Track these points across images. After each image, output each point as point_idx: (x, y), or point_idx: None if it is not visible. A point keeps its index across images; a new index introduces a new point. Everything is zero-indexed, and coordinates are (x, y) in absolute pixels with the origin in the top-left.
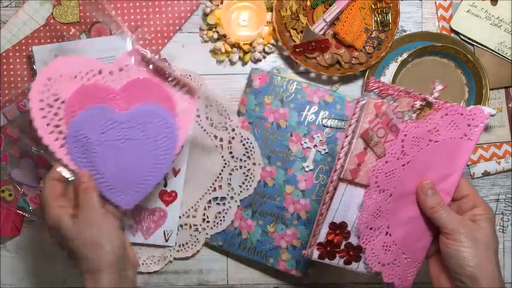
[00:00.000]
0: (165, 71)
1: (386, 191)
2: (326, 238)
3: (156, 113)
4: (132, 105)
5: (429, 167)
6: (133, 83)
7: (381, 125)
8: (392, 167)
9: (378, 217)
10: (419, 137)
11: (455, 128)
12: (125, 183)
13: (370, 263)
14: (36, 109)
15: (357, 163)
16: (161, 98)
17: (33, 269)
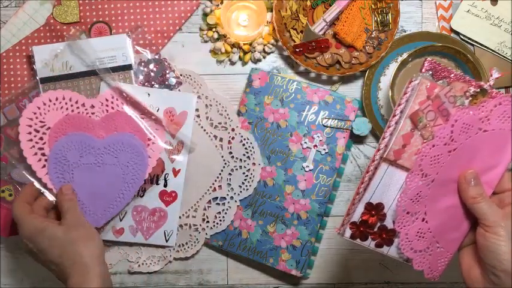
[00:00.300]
0: (141, 105)
1: (429, 176)
2: (360, 218)
3: (129, 143)
4: (109, 135)
5: (475, 156)
6: (111, 115)
7: (432, 108)
8: (439, 152)
9: (416, 202)
10: (470, 124)
11: (506, 119)
12: (96, 203)
13: (402, 248)
14: (24, 133)
15: (402, 144)
16: (135, 129)
17: (33, 269)
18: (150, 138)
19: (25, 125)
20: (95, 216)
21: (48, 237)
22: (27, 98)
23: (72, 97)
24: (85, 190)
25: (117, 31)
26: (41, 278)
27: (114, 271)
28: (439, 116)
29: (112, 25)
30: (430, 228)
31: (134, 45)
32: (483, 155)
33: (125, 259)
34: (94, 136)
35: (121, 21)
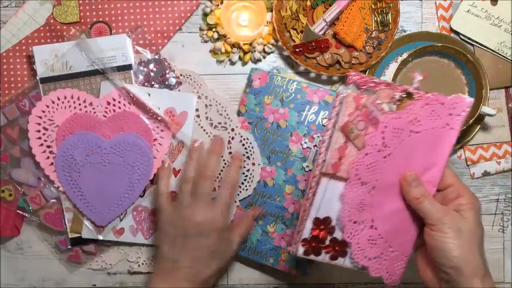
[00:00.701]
0: (146, 106)
1: (368, 183)
2: (311, 234)
3: (136, 143)
4: (115, 134)
5: (412, 158)
6: (118, 115)
7: (361, 118)
8: (373, 159)
9: (361, 210)
10: (400, 128)
11: (436, 117)
12: (102, 202)
13: (356, 257)
14: (33, 131)
15: (338, 157)
16: (141, 130)
17: (33, 269)
18: (156, 138)
19: (34, 123)
20: (100, 215)
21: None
22: (27, 98)
23: (80, 96)
24: (91, 189)
25: (117, 31)
26: (41, 278)
27: (114, 271)
28: (370, 124)
29: (112, 25)
30: (381, 234)
31: (134, 45)
32: (420, 156)
33: (125, 259)
34: (101, 135)
35: (121, 21)
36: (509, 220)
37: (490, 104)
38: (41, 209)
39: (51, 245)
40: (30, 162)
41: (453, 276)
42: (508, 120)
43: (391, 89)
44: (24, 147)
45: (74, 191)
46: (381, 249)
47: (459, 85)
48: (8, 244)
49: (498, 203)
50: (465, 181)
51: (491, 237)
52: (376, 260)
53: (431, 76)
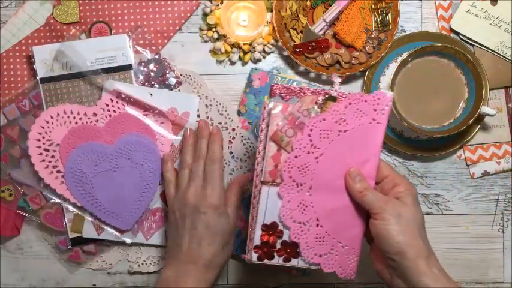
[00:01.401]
0: (141, 103)
1: (304, 184)
2: (261, 240)
3: (139, 141)
4: (117, 138)
5: (345, 155)
6: (115, 119)
7: (289, 125)
8: (304, 160)
9: (303, 210)
10: (327, 129)
11: (361, 115)
12: (120, 207)
13: (306, 256)
14: (35, 154)
15: (273, 165)
16: (141, 128)
17: (33, 269)
18: (158, 132)
19: (34, 147)
20: (123, 220)
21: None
22: (27, 98)
23: (72, 109)
24: (107, 196)
25: (117, 31)
26: (40, 278)
27: (114, 271)
28: (298, 130)
29: (112, 25)
30: (328, 231)
31: (134, 45)
32: (353, 152)
33: (125, 259)
34: (103, 143)
35: (121, 21)
36: (509, 220)
37: (490, 104)
38: (41, 209)
39: (51, 245)
40: (30, 162)
41: (399, 261)
42: (508, 120)
43: (315, 95)
44: (24, 147)
45: (91, 203)
46: (330, 246)
47: (459, 85)
48: (8, 244)
49: (498, 203)
50: (465, 181)
51: (491, 237)
52: (327, 256)
53: (431, 76)
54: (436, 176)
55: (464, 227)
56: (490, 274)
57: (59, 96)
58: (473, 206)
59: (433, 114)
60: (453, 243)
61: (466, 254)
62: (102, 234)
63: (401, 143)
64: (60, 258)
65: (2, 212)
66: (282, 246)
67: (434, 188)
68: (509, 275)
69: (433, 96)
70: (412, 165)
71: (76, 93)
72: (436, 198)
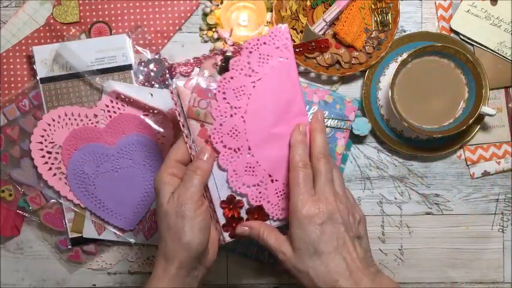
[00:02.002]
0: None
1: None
2: (226, 217)
3: (139, 141)
4: (118, 139)
5: (269, 102)
6: (115, 120)
7: (200, 97)
8: (231, 125)
9: (252, 173)
10: (240, 85)
11: (267, 58)
12: (123, 207)
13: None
14: (38, 157)
15: (204, 141)
16: (141, 127)
17: (33, 269)
18: (158, 131)
19: (37, 150)
20: (127, 220)
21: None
22: (27, 98)
23: (73, 111)
24: (110, 197)
25: (117, 31)
26: (40, 278)
27: (114, 271)
28: (211, 98)
29: (112, 25)
30: (284, 182)
31: (134, 45)
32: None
33: (125, 259)
34: (104, 144)
35: (121, 21)
36: (509, 220)
37: (490, 104)
38: (41, 209)
39: (51, 245)
40: (30, 162)
41: None
42: (508, 120)
43: (212, 58)
44: (24, 147)
45: (94, 204)
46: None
47: (459, 85)
48: (8, 244)
49: (498, 203)
50: (465, 181)
51: (491, 237)
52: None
53: (431, 76)
54: (436, 176)
55: (464, 227)
56: (490, 274)
57: (59, 96)
58: (473, 206)
59: (433, 114)
60: (453, 243)
61: (466, 254)
62: (102, 234)
63: (401, 143)
64: (60, 258)
65: (2, 212)
66: (248, 214)
67: (434, 188)
68: (509, 275)
69: (433, 96)
70: (412, 165)
71: (76, 93)
72: (436, 198)
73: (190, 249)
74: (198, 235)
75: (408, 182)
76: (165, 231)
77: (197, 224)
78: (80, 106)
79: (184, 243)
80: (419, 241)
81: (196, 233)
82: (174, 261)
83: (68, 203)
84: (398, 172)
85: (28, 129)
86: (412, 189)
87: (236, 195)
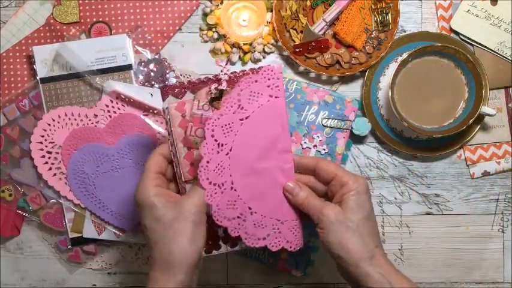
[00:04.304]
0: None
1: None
2: None
3: (140, 141)
4: (118, 139)
5: (256, 139)
6: (115, 120)
7: (196, 126)
8: (217, 161)
9: (233, 206)
10: (228, 123)
11: (257, 96)
12: (123, 208)
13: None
14: (38, 157)
15: (189, 163)
16: (141, 127)
17: (33, 269)
18: (158, 131)
19: (37, 150)
20: (127, 220)
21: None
22: (27, 98)
23: (73, 111)
24: (109, 197)
25: (117, 31)
26: (41, 278)
27: (114, 271)
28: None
29: (112, 25)
30: (263, 214)
31: (134, 45)
32: (263, 134)
33: (125, 259)
34: (104, 144)
35: (121, 21)
36: (509, 220)
37: (490, 104)
38: (41, 209)
39: (51, 245)
40: (30, 162)
41: (343, 266)
42: (508, 120)
43: (206, 84)
44: (24, 147)
45: (94, 204)
46: (270, 226)
47: (459, 85)
48: (8, 244)
49: (498, 203)
50: (465, 181)
51: (491, 237)
52: (270, 236)
53: (431, 76)
54: (436, 176)
55: (464, 227)
56: (490, 274)
57: (59, 96)
58: (473, 206)
59: (433, 114)
60: (453, 243)
61: (466, 254)
62: (102, 234)
63: (401, 143)
64: (60, 258)
65: (2, 212)
66: (225, 234)
67: (434, 188)
68: (509, 275)
69: (433, 96)
70: (412, 165)
71: (76, 93)
72: (436, 198)
73: (198, 251)
74: (202, 238)
75: (408, 182)
76: (168, 238)
77: (202, 228)
78: (80, 106)
79: (192, 245)
80: (419, 241)
81: (202, 236)
82: (182, 267)
83: (68, 203)
84: (398, 172)
85: (28, 129)
86: (412, 189)
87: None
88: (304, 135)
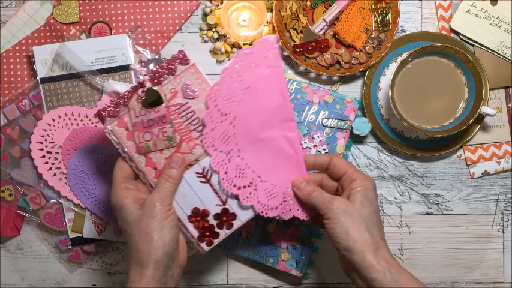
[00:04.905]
0: None
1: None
2: (197, 230)
3: None
4: None
5: (259, 107)
6: None
7: (141, 132)
8: (221, 130)
9: (242, 174)
10: (230, 93)
11: (256, 66)
12: None
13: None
14: (38, 157)
15: (153, 169)
16: None
17: (33, 269)
18: None
19: (37, 150)
20: None
21: (122, 218)
22: (27, 98)
23: (73, 111)
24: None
25: (117, 31)
26: (41, 278)
27: (114, 271)
28: (153, 127)
29: (112, 25)
30: (273, 183)
31: (134, 45)
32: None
33: (125, 259)
34: (104, 144)
35: (121, 21)
36: (509, 220)
37: (490, 104)
38: (41, 209)
39: (51, 245)
40: (30, 162)
41: (348, 256)
42: (508, 120)
43: (134, 93)
44: (24, 147)
45: (94, 204)
46: (282, 195)
47: (459, 85)
48: (8, 244)
49: (498, 203)
50: (465, 181)
51: (491, 237)
52: (282, 205)
53: (431, 76)
54: (436, 176)
55: (464, 227)
56: (490, 274)
57: (59, 96)
58: (473, 206)
59: (433, 114)
60: (453, 243)
61: (466, 254)
62: (102, 234)
63: (401, 143)
64: (60, 258)
65: (2, 212)
66: (217, 219)
67: (434, 188)
68: (509, 275)
69: (433, 96)
70: (412, 165)
71: (76, 93)
72: (436, 198)
73: (165, 246)
74: (169, 232)
75: (408, 182)
76: (135, 236)
77: (168, 223)
78: (80, 106)
79: (157, 240)
80: (419, 241)
81: (168, 230)
82: (150, 262)
83: (68, 203)
84: (398, 172)
85: (28, 129)
86: (412, 189)
87: (200, 206)
88: (304, 135)
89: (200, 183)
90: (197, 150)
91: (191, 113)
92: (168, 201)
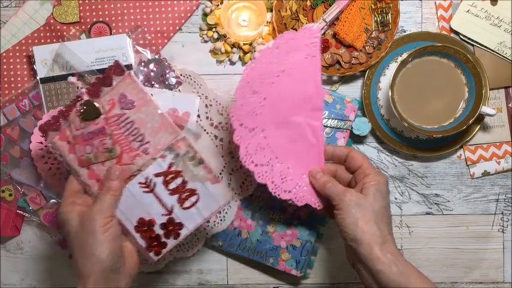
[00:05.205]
0: None
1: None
2: (144, 239)
3: None
4: None
5: (291, 92)
6: None
7: (81, 145)
8: (250, 107)
9: (262, 152)
10: (265, 73)
11: (294, 52)
12: None
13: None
14: (38, 157)
15: (96, 181)
16: None
17: (33, 269)
18: None
19: (37, 150)
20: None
21: (65, 233)
22: (27, 98)
23: None
24: None
25: (117, 31)
26: (41, 278)
27: None
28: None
29: (112, 25)
30: (290, 167)
31: (134, 45)
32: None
33: None
34: None
35: (121, 21)
36: (509, 220)
37: (490, 104)
38: (41, 209)
39: (51, 245)
40: (30, 162)
41: (355, 247)
42: (508, 120)
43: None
44: (24, 147)
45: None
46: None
47: (459, 85)
48: (8, 244)
49: (498, 203)
50: (465, 181)
51: (491, 237)
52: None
53: (431, 76)
54: (436, 176)
55: (464, 227)
56: (490, 274)
57: (59, 96)
58: (473, 206)
59: (433, 114)
60: (453, 243)
61: (466, 254)
62: None
63: (401, 143)
64: (60, 258)
65: (2, 212)
66: (163, 229)
67: (434, 188)
68: (509, 275)
69: (433, 96)
70: (412, 165)
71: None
72: (436, 198)
73: (103, 261)
74: (107, 246)
75: (408, 182)
76: (76, 252)
77: (106, 237)
78: None
79: (96, 255)
80: (419, 241)
81: (106, 245)
82: (90, 277)
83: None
84: (398, 172)
85: (28, 129)
86: (412, 189)
87: (145, 216)
88: None
89: (144, 194)
90: (138, 160)
91: (130, 123)
92: (107, 213)
